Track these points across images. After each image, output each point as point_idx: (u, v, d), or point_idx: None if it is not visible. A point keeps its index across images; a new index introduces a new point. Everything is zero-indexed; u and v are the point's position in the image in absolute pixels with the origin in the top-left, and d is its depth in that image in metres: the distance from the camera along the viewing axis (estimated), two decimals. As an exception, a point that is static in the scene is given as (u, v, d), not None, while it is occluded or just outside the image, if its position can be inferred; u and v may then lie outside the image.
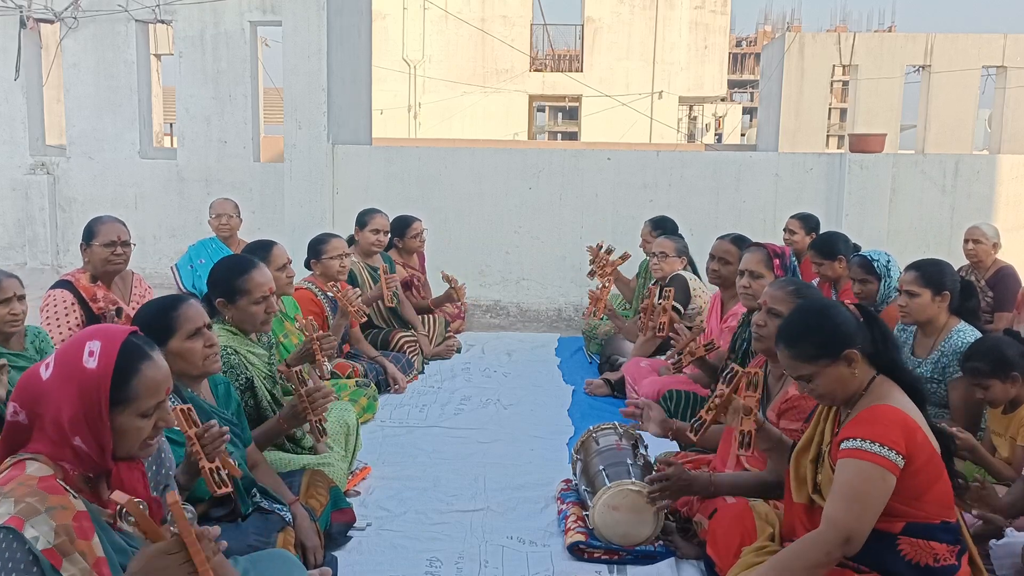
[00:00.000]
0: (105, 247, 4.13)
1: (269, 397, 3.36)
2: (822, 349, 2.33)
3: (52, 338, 3.84)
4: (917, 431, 2.22)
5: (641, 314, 4.91)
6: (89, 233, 4.17)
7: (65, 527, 1.67)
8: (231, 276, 3.32)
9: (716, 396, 2.74)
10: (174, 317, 2.64)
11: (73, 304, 4.04)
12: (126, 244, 4.21)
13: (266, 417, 3.29)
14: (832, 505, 2.20)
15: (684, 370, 4.36)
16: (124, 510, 1.78)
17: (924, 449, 2.21)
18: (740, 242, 4.48)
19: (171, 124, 15.59)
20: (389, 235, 6.01)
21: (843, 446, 2.22)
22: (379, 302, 5.60)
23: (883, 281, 4.35)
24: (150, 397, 1.84)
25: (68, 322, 3.99)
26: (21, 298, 3.34)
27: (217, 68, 7.82)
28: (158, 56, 11.63)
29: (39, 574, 1.62)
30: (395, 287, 5.55)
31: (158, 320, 2.60)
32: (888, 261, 4.40)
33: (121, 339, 1.84)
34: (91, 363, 1.78)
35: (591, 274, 6.22)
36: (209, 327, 2.74)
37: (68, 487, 1.76)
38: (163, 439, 2.17)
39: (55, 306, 4.03)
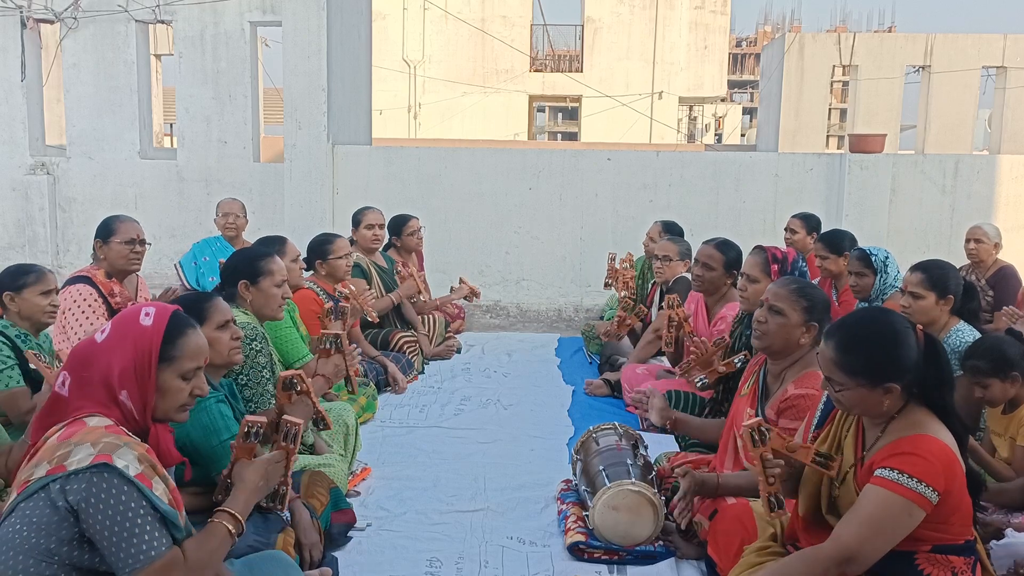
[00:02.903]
0: (125, 244, 4.21)
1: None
2: (867, 371, 2.20)
3: (76, 332, 3.90)
4: (956, 463, 2.15)
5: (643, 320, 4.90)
6: (108, 231, 4.22)
7: (144, 456, 1.90)
8: (254, 259, 3.52)
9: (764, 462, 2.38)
10: (206, 307, 2.82)
11: (96, 298, 4.08)
12: (143, 243, 4.31)
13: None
14: (845, 525, 2.14)
15: (678, 371, 4.35)
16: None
17: (959, 479, 2.16)
18: (724, 247, 4.47)
19: (171, 124, 15.58)
20: (386, 230, 6.05)
21: (877, 473, 2.13)
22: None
23: (879, 276, 4.39)
24: (192, 360, 2.08)
25: (95, 313, 4.03)
26: (58, 291, 3.48)
27: (217, 68, 7.82)
28: (158, 56, 11.62)
29: (140, 496, 1.83)
30: (419, 283, 5.84)
31: (192, 308, 2.65)
32: (886, 257, 4.43)
33: (172, 308, 2.13)
34: (147, 321, 2.04)
35: (607, 286, 6.30)
36: (234, 321, 2.92)
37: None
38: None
39: (83, 299, 4.06)
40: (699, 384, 4.01)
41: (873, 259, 4.41)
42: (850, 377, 2.21)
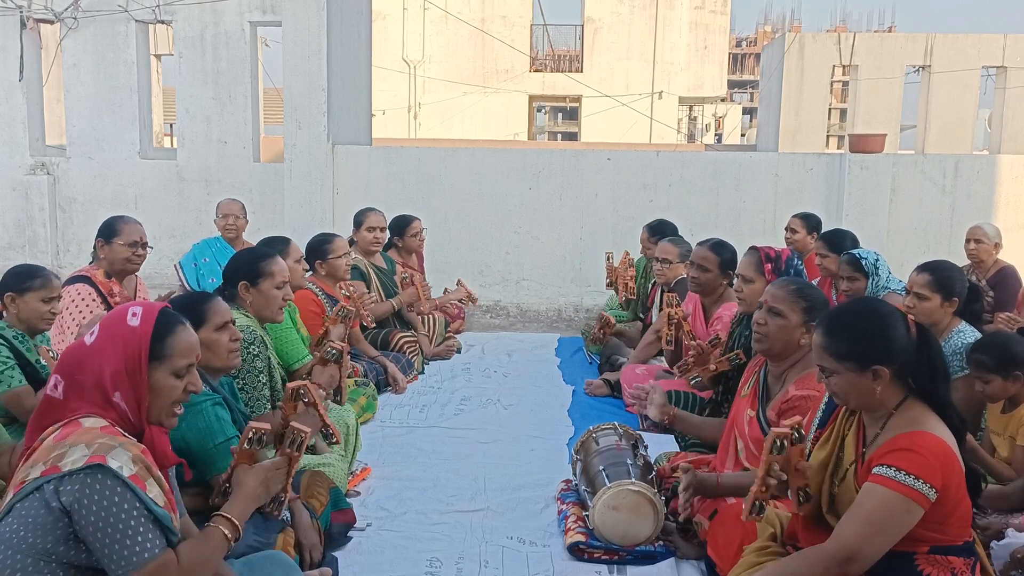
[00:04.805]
0: (128, 246, 4.24)
1: (280, 379, 3.49)
2: (854, 354, 2.21)
3: (73, 332, 3.90)
4: (954, 460, 2.14)
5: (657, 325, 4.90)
6: (111, 231, 4.24)
7: (139, 457, 1.88)
8: (255, 260, 3.51)
9: (769, 470, 2.34)
10: (205, 309, 2.80)
11: (95, 298, 4.10)
12: (145, 246, 4.34)
13: (278, 396, 3.37)
14: (845, 524, 2.14)
15: (676, 371, 4.35)
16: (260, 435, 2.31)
17: (956, 476, 2.15)
18: (718, 248, 4.47)
19: (171, 124, 15.59)
20: (387, 232, 6.04)
21: (876, 471, 2.13)
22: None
23: (871, 279, 4.36)
24: (183, 357, 2.06)
25: (94, 313, 4.03)
26: (59, 299, 3.49)
27: (217, 68, 7.82)
28: (158, 56, 11.63)
29: (133, 497, 1.82)
30: (420, 290, 5.85)
31: (190, 310, 2.64)
32: (876, 260, 4.41)
33: (160, 306, 2.11)
34: (134, 321, 2.02)
35: (609, 285, 6.33)
36: (233, 323, 2.89)
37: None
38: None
39: (81, 299, 4.08)
40: (693, 382, 4.00)
41: (864, 263, 4.38)
42: (838, 361, 2.23)
